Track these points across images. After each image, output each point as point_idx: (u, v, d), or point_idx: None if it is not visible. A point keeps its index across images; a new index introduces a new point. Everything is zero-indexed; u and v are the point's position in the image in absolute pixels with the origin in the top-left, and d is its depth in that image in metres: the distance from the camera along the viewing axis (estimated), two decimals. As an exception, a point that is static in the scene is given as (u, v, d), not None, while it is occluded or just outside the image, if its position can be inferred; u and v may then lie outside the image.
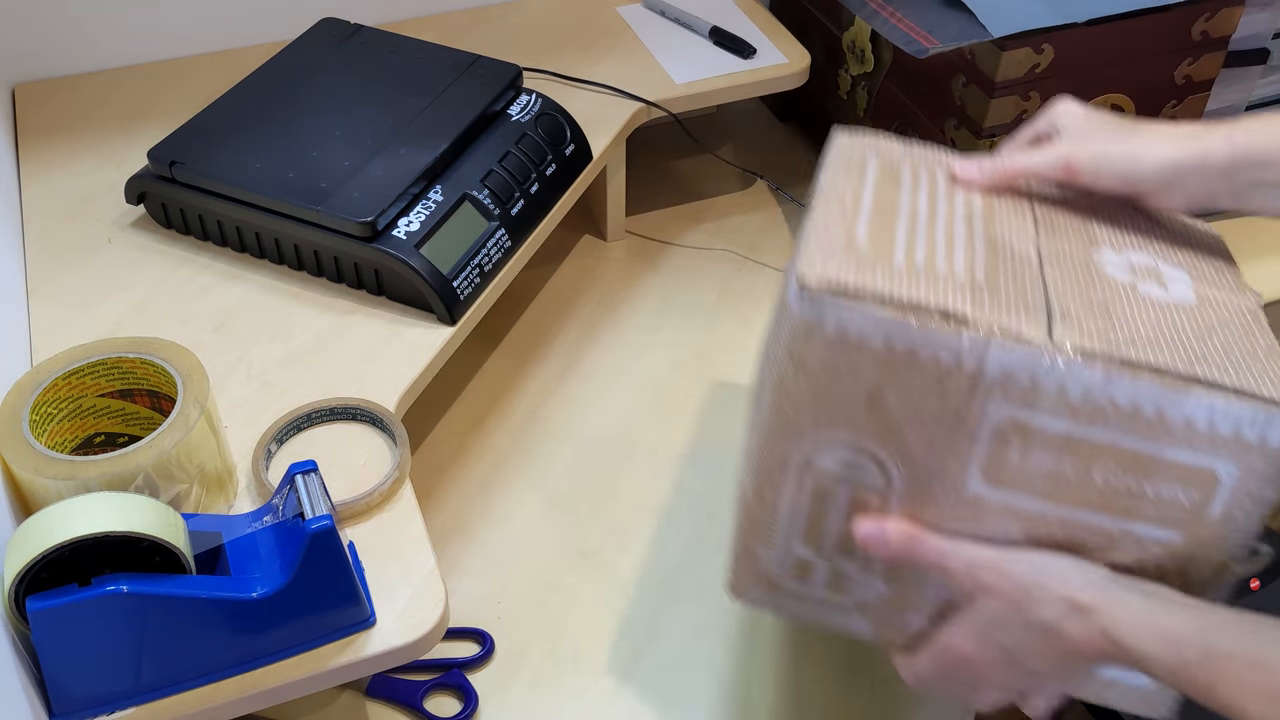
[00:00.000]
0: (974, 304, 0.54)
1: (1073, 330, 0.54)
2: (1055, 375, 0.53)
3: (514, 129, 0.90)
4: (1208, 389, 0.53)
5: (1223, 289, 0.62)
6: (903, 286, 0.54)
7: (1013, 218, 0.63)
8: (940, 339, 0.53)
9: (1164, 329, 0.56)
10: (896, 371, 0.54)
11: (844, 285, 0.53)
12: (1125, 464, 0.55)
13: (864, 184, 0.63)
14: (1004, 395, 0.54)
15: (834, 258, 0.55)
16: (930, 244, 0.58)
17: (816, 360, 0.55)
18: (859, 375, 0.54)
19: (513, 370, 0.95)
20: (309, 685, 0.61)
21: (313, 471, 0.62)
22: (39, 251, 0.85)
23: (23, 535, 0.54)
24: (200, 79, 1.01)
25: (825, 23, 1.09)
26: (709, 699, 0.74)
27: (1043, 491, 0.56)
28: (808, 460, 0.58)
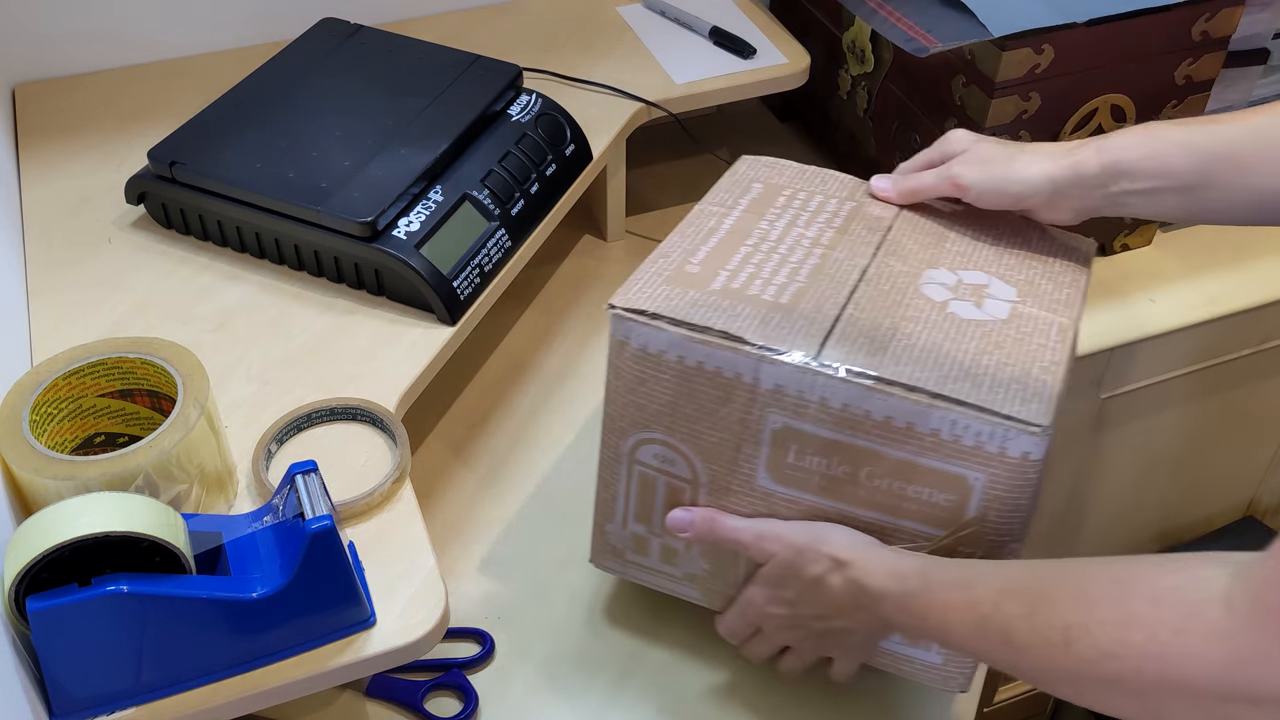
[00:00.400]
0: (761, 325, 0.64)
1: (841, 350, 0.63)
2: (818, 389, 0.62)
3: (514, 129, 0.90)
4: (950, 405, 0.60)
5: (1044, 306, 0.69)
6: (700, 311, 0.64)
7: (858, 243, 0.72)
8: (721, 356, 0.63)
9: (939, 347, 0.64)
10: (690, 383, 0.65)
11: (645, 309, 0.65)
12: (887, 469, 0.63)
13: (733, 209, 0.74)
14: (778, 406, 0.63)
15: (652, 284, 0.67)
16: (758, 269, 0.69)
17: (628, 371, 0.66)
18: (661, 384, 0.66)
19: (513, 370, 0.95)
20: (309, 685, 0.61)
21: (313, 471, 0.62)
22: (39, 251, 0.85)
23: (23, 535, 0.54)
24: (200, 79, 1.01)
25: (825, 23, 1.09)
26: (708, 699, 0.74)
27: (819, 489, 0.65)
28: (632, 455, 0.69)
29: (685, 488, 0.69)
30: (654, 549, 0.73)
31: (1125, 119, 0.96)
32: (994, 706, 1.51)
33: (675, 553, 0.72)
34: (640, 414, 0.67)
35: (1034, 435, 0.60)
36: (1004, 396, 0.61)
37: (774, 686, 0.74)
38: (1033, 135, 0.94)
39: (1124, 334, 1.03)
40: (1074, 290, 0.70)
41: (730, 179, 0.78)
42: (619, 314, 0.65)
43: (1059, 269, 0.72)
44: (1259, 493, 1.37)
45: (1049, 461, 0.62)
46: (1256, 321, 1.10)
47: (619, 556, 0.75)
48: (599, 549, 0.76)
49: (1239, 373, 1.16)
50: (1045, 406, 0.60)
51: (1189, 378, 1.12)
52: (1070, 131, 0.95)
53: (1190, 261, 1.08)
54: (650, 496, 0.71)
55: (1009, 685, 1.50)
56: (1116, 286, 1.06)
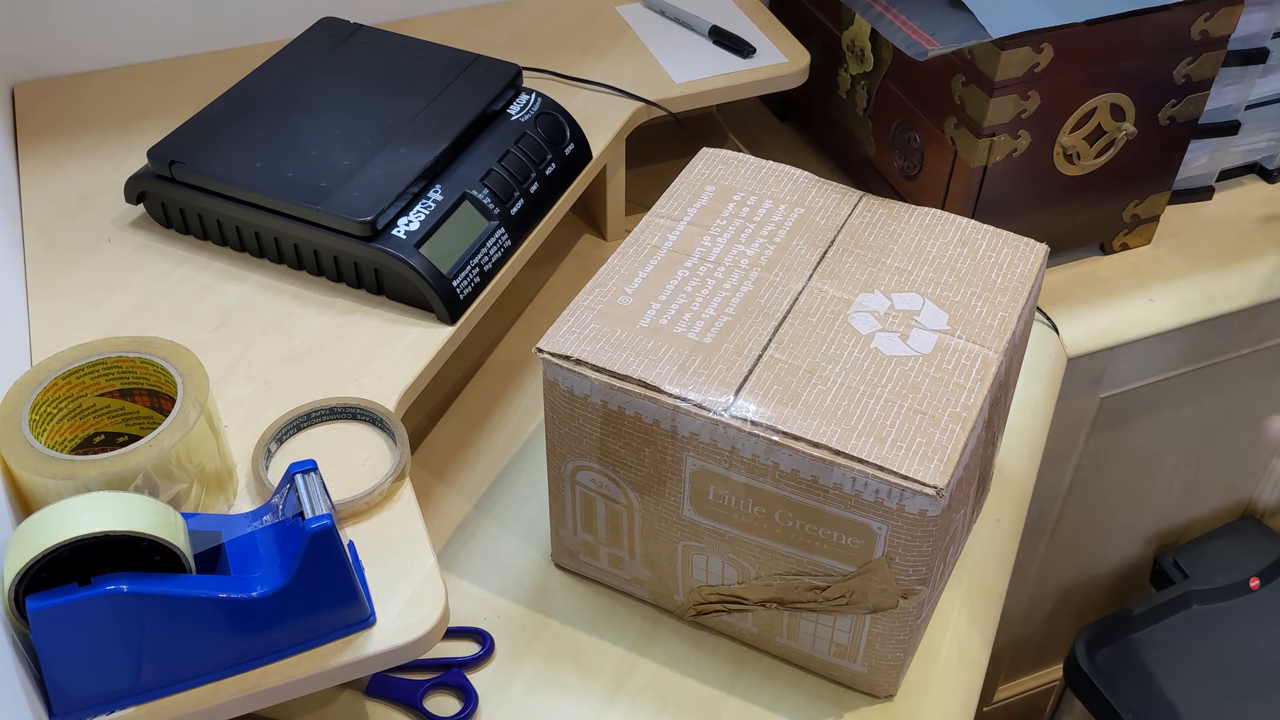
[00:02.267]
0: (679, 371, 0.66)
1: (754, 398, 0.65)
2: (729, 439, 0.64)
3: (514, 128, 0.90)
4: (851, 463, 0.62)
5: (973, 336, 0.69)
6: (623, 356, 0.67)
7: (796, 263, 0.73)
8: (640, 404, 0.66)
9: (854, 392, 0.65)
10: (614, 424, 0.68)
11: (570, 354, 0.68)
12: (797, 512, 0.65)
13: (679, 222, 0.77)
14: (694, 451, 0.66)
15: (582, 322, 0.70)
16: (690, 299, 0.71)
17: (560, 407, 0.70)
18: (589, 422, 0.69)
19: (513, 370, 0.95)
20: (309, 685, 0.61)
21: (312, 471, 0.62)
22: (39, 251, 0.85)
23: (23, 534, 0.54)
24: (200, 78, 1.01)
25: (825, 22, 1.09)
26: (708, 698, 0.74)
27: (739, 524, 0.68)
28: (572, 477, 0.73)
29: (622, 511, 0.73)
30: (602, 555, 0.77)
31: (1125, 118, 0.97)
32: (994, 706, 1.51)
33: (621, 560, 0.76)
34: (576, 445, 0.71)
35: (929, 496, 0.61)
36: (905, 454, 0.62)
37: (773, 681, 0.74)
38: (1032, 134, 0.94)
39: (1124, 334, 1.03)
40: (1009, 312, 0.71)
41: (685, 179, 0.80)
42: (546, 358, 0.68)
43: (1001, 285, 0.72)
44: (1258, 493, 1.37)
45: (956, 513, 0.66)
46: (1256, 321, 1.10)
47: (574, 557, 0.79)
48: (558, 549, 0.80)
49: (1239, 372, 1.16)
50: (945, 466, 0.62)
51: (1189, 377, 1.12)
52: (1070, 131, 0.95)
53: (1190, 261, 1.08)
54: (592, 513, 0.75)
55: (1009, 684, 1.50)
56: (1116, 286, 1.06)
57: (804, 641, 0.72)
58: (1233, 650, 1.27)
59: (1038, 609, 1.40)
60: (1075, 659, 1.26)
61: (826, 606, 0.69)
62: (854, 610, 0.68)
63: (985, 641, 0.79)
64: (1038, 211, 1.00)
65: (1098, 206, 1.03)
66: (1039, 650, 1.47)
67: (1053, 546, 1.28)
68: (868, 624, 0.69)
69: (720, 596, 0.73)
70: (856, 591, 0.67)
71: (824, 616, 0.70)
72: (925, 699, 0.74)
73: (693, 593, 0.74)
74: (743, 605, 0.73)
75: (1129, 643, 1.27)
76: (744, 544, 0.69)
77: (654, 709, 0.73)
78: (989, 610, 0.80)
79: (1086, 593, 1.42)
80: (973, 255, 0.74)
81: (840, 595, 0.68)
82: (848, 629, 0.70)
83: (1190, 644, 1.28)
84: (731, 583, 0.72)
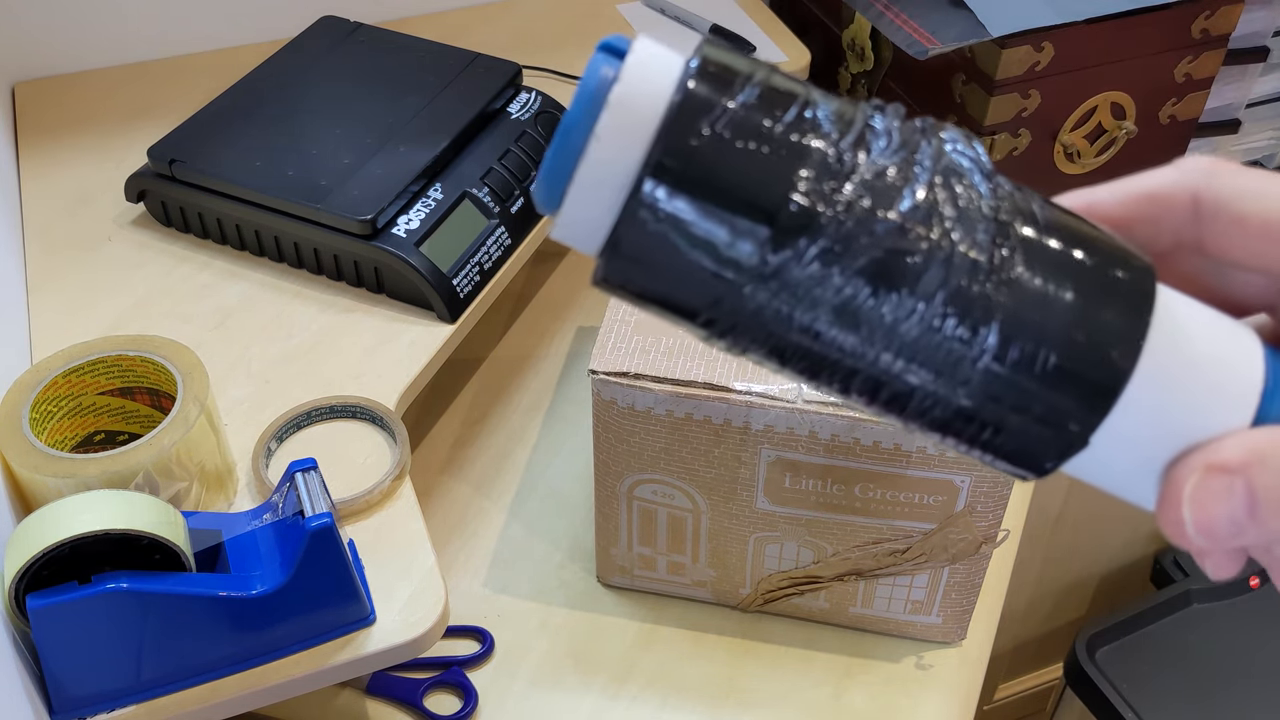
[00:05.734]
0: (740, 366, 0.65)
1: None
2: (806, 424, 0.65)
3: (514, 127, 0.90)
4: None
5: None
6: (680, 362, 0.66)
7: None
8: (710, 406, 0.65)
9: None
10: (681, 431, 0.67)
11: (627, 370, 0.66)
12: (879, 482, 0.66)
13: None
14: (769, 442, 0.66)
15: (623, 336, 0.68)
16: None
17: (618, 425, 0.68)
18: (652, 435, 0.68)
19: (513, 368, 0.95)
20: (309, 683, 0.61)
21: (312, 469, 0.62)
22: (39, 250, 0.85)
23: (23, 533, 0.54)
24: (200, 77, 1.01)
25: (825, 21, 1.09)
26: (708, 698, 0.74)
27: (816, 505, 0.69)
28: (630, 492, 0.72)
29: (687, 516, 0.72)
30: (661, 565, 0.76)
31: (1125, 116, 0.97)
32: (994, 704, 1.51)
33: (682, 566, 0.76)
34: (635, 460, 0.70)
35: None
36: None
37: (778, 685, 0.74)
38: (1033, 133, 0.94)
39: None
40: None
41: None
42: (602, 379, 0.66)
43: None
44: (1259, 491, 1.37)
45: None
46: (1256, 320, 1.10)
47: (626, 573, 0.78)
48: (605, 568, 0.78)
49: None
50: None
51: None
52: (1070, 129, 0.95)
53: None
54: (652, 525, 0.74)
55: (1009, 684, 1.50)
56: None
57: (879, 606, 0.74)
58: (1233, 649, 1.27)
59: (1038, 609, 1.40)
60: (1075, 658, 1.26)
61: (906, 568, 0.71)
62: (933, 565, 0.70)
63: (985, 641, 0.79)
64: (1038, 210, 1.00)
65: (1098, 205, 1.03)
66: (1039, 650, 1.47)
67: (1053, 546, 1.28)
68: (945, 575, 0.71)
69: (792, 580, 0.74)
70: (936, 547, 0.69)
71: (900, 578, 0.72)
72: (925, 699, 0.74)
73: (762, 582, 0.75)
74: (817, 584, 0.74)
75: (1129, 642, 1.28)
76: (821, 524, 0.70)
77: (654, 709, 0.73)
78: (989, 610, 0.80)
79: (1086, 592, 1.42)
80: None
81: (920, 554, 0.69)
82: (925, 585, 0.72)
83: (1190, 643, 1.28)
84: (806, 564, 0.73)
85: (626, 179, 0.26)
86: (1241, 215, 0.29)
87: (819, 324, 0.27)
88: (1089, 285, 0.28)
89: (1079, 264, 0.28)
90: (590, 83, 0.27)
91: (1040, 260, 0.27)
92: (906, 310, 0.27)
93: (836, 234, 0.26)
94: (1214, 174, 0.30)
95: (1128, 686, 1.23)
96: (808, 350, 0.28)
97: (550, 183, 0.28)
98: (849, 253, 0.26)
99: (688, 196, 0.26)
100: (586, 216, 0.27)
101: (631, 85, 0.27)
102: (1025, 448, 0.28)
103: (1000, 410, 0.28)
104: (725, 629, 0.77)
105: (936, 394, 0.28)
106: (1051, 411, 0.28)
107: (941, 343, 0.27)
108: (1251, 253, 0.30)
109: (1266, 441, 0.27)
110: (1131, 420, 0.28)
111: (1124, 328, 0.28)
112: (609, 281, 0.28)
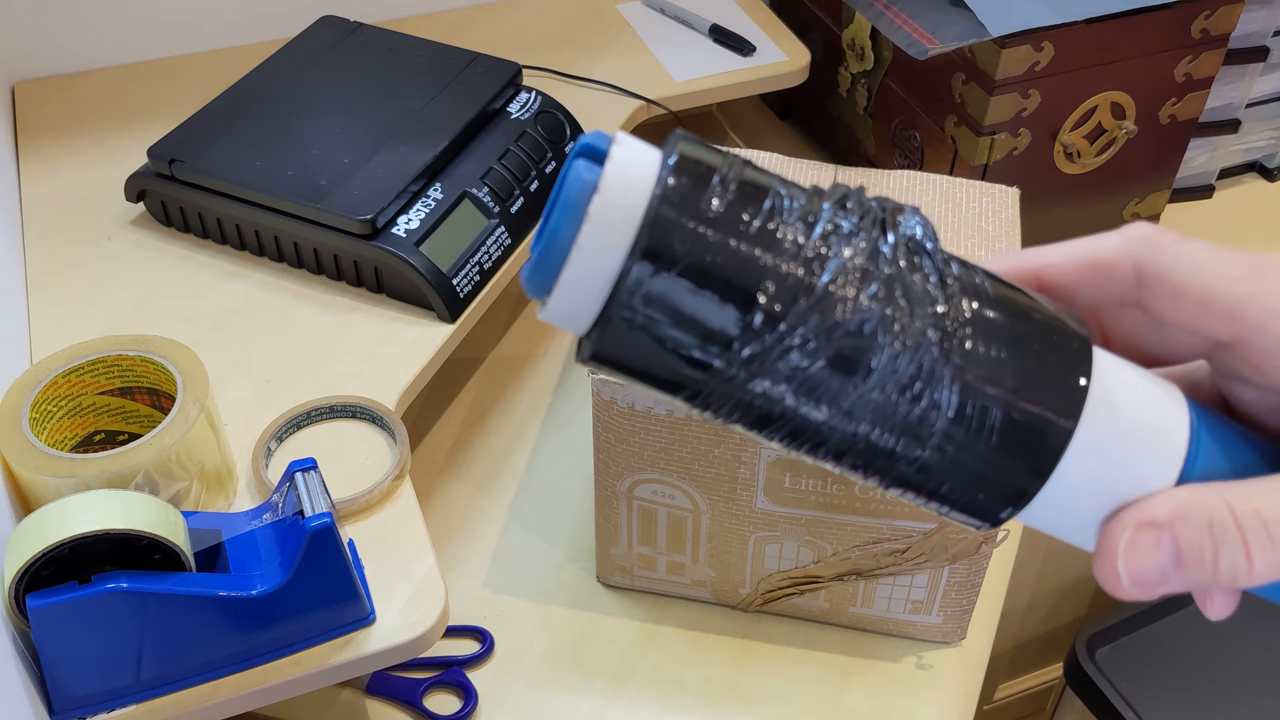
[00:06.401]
0: None
1: None
2: None
3: (514, 126, 0.90)
4: None
5: None
6: None
7: None
8: None
9: None
10: (681, 431, 0.67)
11: None
12: None
13: None
14: None
15: None
16: None
17: (618, 425, 0.68)
18: (652, 435, 0.68)
19: (513, 368, 0.95)
20: (309, 683, 0.61)
21: (312, 469, 0.62)
22: (39, 249, 0.85)
23: (23, 532, 0.54)
24: (200, 77, 1.01)
25: (825, 20, 1.09)
26: (708, 698, 0.74)
27: (817, 505, 0.69)
28: (629, 492, 0.72)
29: (687, 516, 0.72)
30: (660, 565, 0.77)
31: (1125, 116, 0.96)
32: (994, 705, 1.51)
33: (682, 566, 0.76)
34: (635, 459, 0.70)
35: None
36: None
37: (778, 685, 0.74)
38: (1033, 133, 0.94)
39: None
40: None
41: None
42: (602, 379, 0.66)
43: (994, 232, 0.73)
44: (1259, 491, 1.37)
45: None
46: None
47: (626, 573, 0.78)
48: (606, 568, 0.78)
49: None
50: None
51: (1189, 376, 1.12)
52: (1070, 129, 0.95)
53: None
54: (652, 525, 0.74)
55: (1009, 684, 1.50)
56: (1116, 284, 1.05)
57: (879, 606, 0.74)
58: (1233, 650, 1.27)
59: (1038, 608, 1.40)
60: (1075, 658, 1.26)
61: (906, 567, 0.71)
62: (933, 565, 0.70)
63: (985, 641, 0.79)
64: (1038, 210, 1.00)
65: (1098, 205, 1.03)
66: (1039, 650, 1.47)
67: (1053, 545, 1.28)
68: (945, 575, 0.71)
69: (792, 580, 0.74)
70: (936, 547, 0.69)
71: (900, 577, 0.72)
72: (925, 698, 0.74)
73: (761, 582, 0.75)
74: (817, 584, 0.74)
75: (1129, 642, 1.27)
76: (821, 523, 0.70)
77: (654, 709, 0.73)
78: (989, 610, 0.80)
79: (1086, 592, 1.42)
80: (958, 209, 0.75)
81: (920, 554, 0.69)
82: (925, 584, 0.72)
83: (1190, 643, 1.28)
84: (806, 564, 0.73)
85: (608, 280, 0.29)
86: (1181, 287, 0.33)
87: (790, 402, 0.30)
88: (1032, 359, 0.31)
89: (1023, 339, 0.31)
90: (572, 191, 0.29)
91: (987, 338, 0.30)
92: (869, 390, 0.30)
93: (804, 328, 0.29)
94: (1157, 246, 0.33)
95: (1128, 686, 1.23)
96: (782, 423, 0.30)
97: (538, 279, 0.30)
98: (815, 344, 0.29)
99: (665, 297, 0.29)
100: (572, 309, 0.30)
101: (611, 195, 0.29)
102: (977, 503, 0.32)
103: (955, 470, 0.31)
104: (725, 629, 0.77)
105: (898, 456, 0.31)
106: (1001, 472, 0.31)
107: (902, 414, 0.30)
108: (1188, 318, 0.33)
109: (1189, 499, 0.31)
110: (1072, 480, 0.31)
111: (1064, 397, 0.31)
112: (595, 361, 0.30)
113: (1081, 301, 0.34)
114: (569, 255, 0.29)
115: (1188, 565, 0.30)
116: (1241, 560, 0.30)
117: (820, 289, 0.29)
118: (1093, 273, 0.34)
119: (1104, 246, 0.34)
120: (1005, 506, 0.32)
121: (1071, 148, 0.97)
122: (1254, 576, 0.30)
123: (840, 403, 0.30)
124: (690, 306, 0.29)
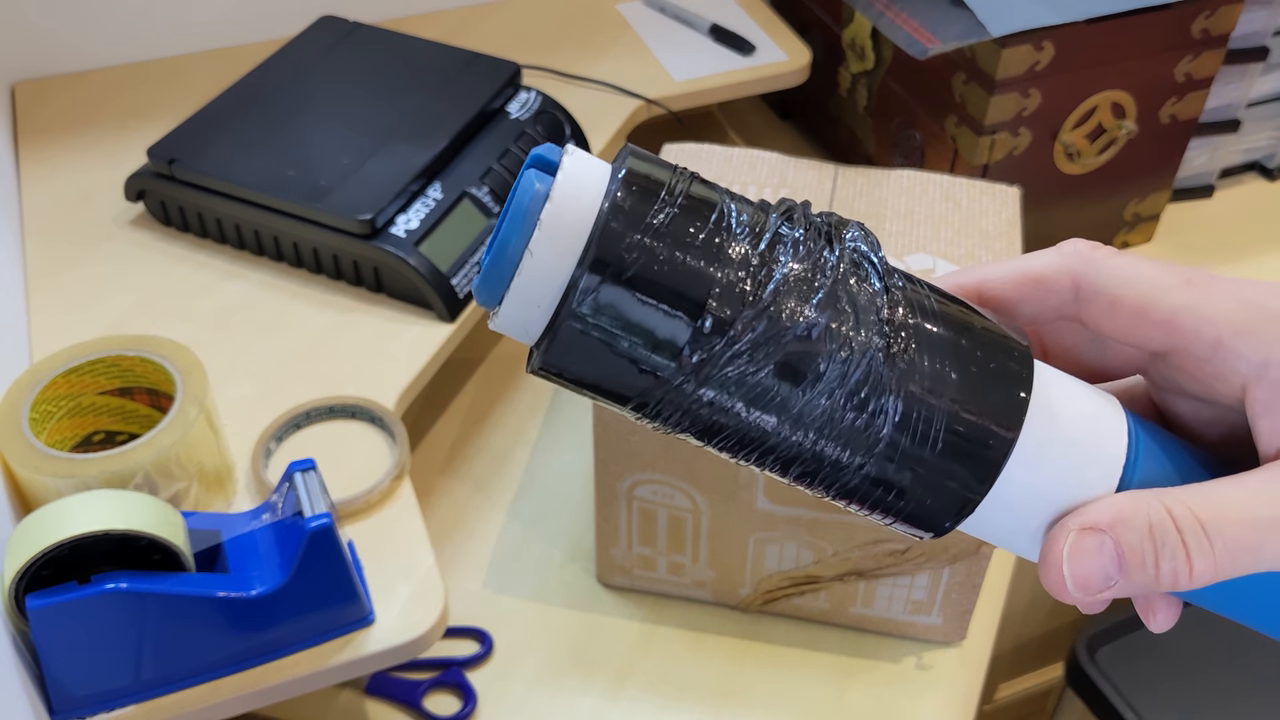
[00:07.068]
0: None
1: None
2: None
3: (513, 126, 0.89)
4: None
5: None
6: None
7: None
8: None
9: None
10: None
11: None
12: None
13: None
14: None
15: None
16: None
17: (617, 424, 0.68)
18: (652, 435, 0.67)
19: (513, 368, 0.95)
20: (308, 683, 0.61)
21: (311, 469, 0.62)
22: (38, 249, 0.85)
23: (23, 533, 0.54)
24: (199, 77, 1.01)
25: (825, 20, 1.09)
26: (708, 698, 0.74)
27: (816, 504, 0.69)
28: (630, 492, 0.72)
29: (687, 516, 0.73)
30: (661, 565, 0.77)
31: (1125, 116, 0.96)
32: (994, 704, 1.51)
33: (682, 566, 0.76)
34: (635, 459, 0.70)
35: None
36: None
37: (778, 685, 0.74)
38: (1033, 132, 0.94)
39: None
40: (1012, 254, 0.71)
41: None
42: None
43: (994, 231, 0.73)
44: (1259, 491, 1.37)
45: None
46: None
47: (626, 574, 0.78)
48: (606, 569, 0.79)
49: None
50: None
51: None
52: (1071, 129, 0.95)
53: (1190, 259, 1.08)
54: (652, 525, 0.74)
55: (1009, 684, 1.50)
56: (1116, 284, 1.05)
57: (879, 606, 0.74)
58: (1233, 650, 1.27)
59: (1038, 609, 1.39)
60: (1075, 658, 1.26)
61: (906, 568, 0.71)
62: (934, 565, 0.70)
63: (986, 641, 0.79)
64: (1038, 209, 1.00)
65: (1099, 205, 1.03)
66: (1039, 650, 1.47)
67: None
68: (945, 575, 0.71)
69: (792, 580, 0.74)
70: (936, 547, 0.69)
71: (901, 578, 0.72)
72: (925, 699, 0.74)
73: (762, 582, 0.75)
74: (817, 584, 0.74)
75: (1130, 642, 1.27)
76: (821, 524, 0.70)
77: (654, 709, 0.73)
78: (989, 610, 0.80)
79: (1087, 592, 1.42)
80: (959, 208, 0.75)
81: (921, 554, 0.69)
82: (925, 585, 0.72)
83: (1191, 644, 1.27)
84: (806, 564, 0.73)
85: (557, 289, 0.29)
86: (1117, 298, 0.33)
87: (738, 410, 0.30)
88: (975, 371, 0.31)
89: (966, 351, 0.31)
90: (523, 199, 0.30)
91: (931, 349, 0.31)
92: (815, 397, 0.30)
93: (751, 335, 0.29)
94: (1092, 260, 0.34)
95: (1128, 686, 1.22)
96: (730, 432, 0.31)
97: (489, 287, 0.31)
98: (762, 351, 0.29)
99: (614, 306, 0.29)
100: (523, 318, 0.31)
101: (562, 204, 0.29)
102: (922, 513, 0.32)
103: (900, 479, 0.31)
104: (725, 629, 0.77)
105: (845, 465, 0.31)
106: (945, 481, 0.32)
107: (847, 424, 0.30)
108: (1124, 329, 0.33)
109: (1129, 504, 0.31)
110: (1015, 488, 0.32)
111: (1005, 408, 0.31)
112: (544, 371, 0.31)
113: (1021, 316, 0.35)
114: (520, 263, 0.30)
115: (1130, 568, 0.31)
116: (1182, 562, 0.31)
117: (767, 296, 0.29)
118: (1031, 287, 0.34)
119: (1041, 262, 0.34)
120: (950, 515, 0.32)
121: (1072, 147, 0.96)
122: (1194, 578, 0.31)
123: (788, 410, 0.30)
124: (639, 315, 0.29)
